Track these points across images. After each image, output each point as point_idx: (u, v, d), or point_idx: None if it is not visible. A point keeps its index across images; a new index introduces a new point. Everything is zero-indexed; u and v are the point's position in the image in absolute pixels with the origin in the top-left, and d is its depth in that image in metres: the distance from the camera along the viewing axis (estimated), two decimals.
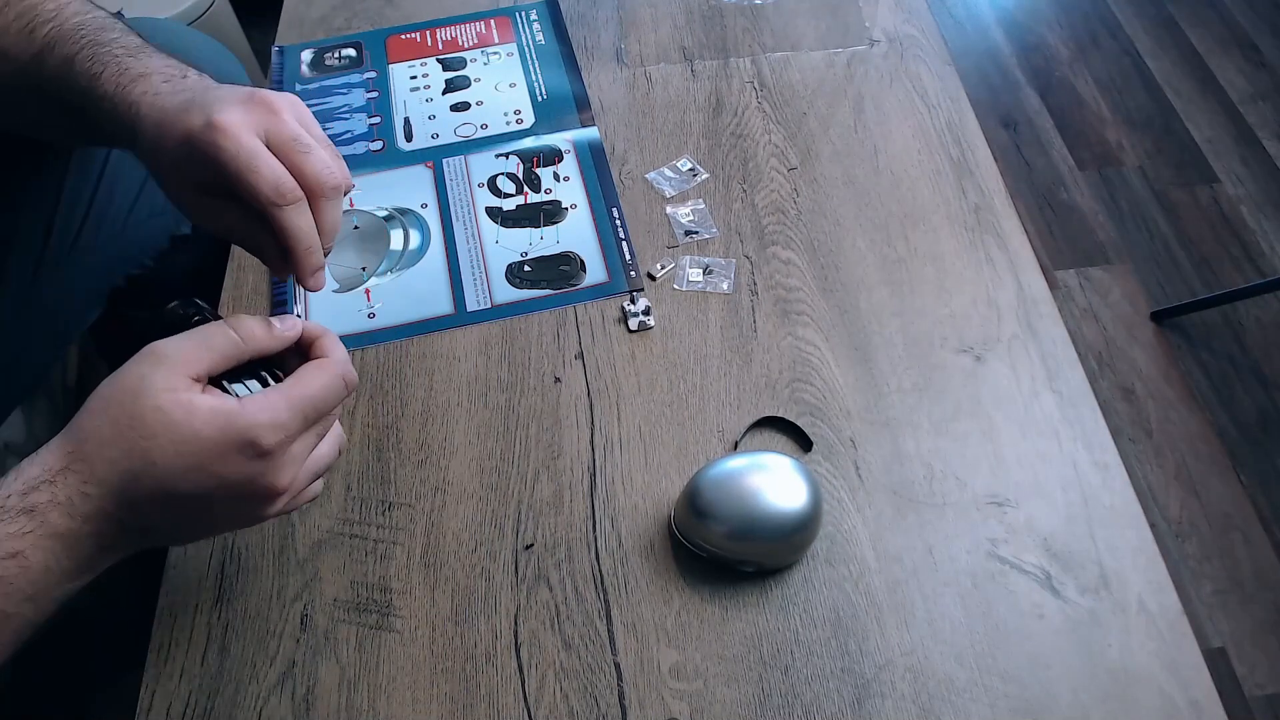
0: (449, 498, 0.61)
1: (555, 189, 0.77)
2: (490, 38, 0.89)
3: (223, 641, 0.56)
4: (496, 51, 0.88)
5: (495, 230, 0.75)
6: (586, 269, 0.73)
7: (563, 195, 0.77)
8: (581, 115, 0.83)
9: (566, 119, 0.82)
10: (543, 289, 0.72)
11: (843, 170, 0.78)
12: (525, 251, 0.74)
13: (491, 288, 0.72)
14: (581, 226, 0.75)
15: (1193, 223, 1.65)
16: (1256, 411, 1.43)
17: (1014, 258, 0.72)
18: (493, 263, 0.73)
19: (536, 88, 0.85)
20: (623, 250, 0.73)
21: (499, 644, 0.56)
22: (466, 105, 0.84)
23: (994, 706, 0.53)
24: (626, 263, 0.73)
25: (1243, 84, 1.86)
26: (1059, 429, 0.64)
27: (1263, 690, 1.18)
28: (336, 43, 0.89)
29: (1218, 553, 1.29)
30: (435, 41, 0.89)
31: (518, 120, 0.83)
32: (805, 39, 0.88)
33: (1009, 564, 0.58)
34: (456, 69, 0.87)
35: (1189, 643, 0.55)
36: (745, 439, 0.63)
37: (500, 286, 0.72)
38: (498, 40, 0.89)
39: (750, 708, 0.54)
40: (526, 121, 0.83)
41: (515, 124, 0.82)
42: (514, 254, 0.74)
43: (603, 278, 0.72)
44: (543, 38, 0.89)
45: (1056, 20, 1.99)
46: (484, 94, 0.85)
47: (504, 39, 0.89)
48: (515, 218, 0.76)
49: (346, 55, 0.88)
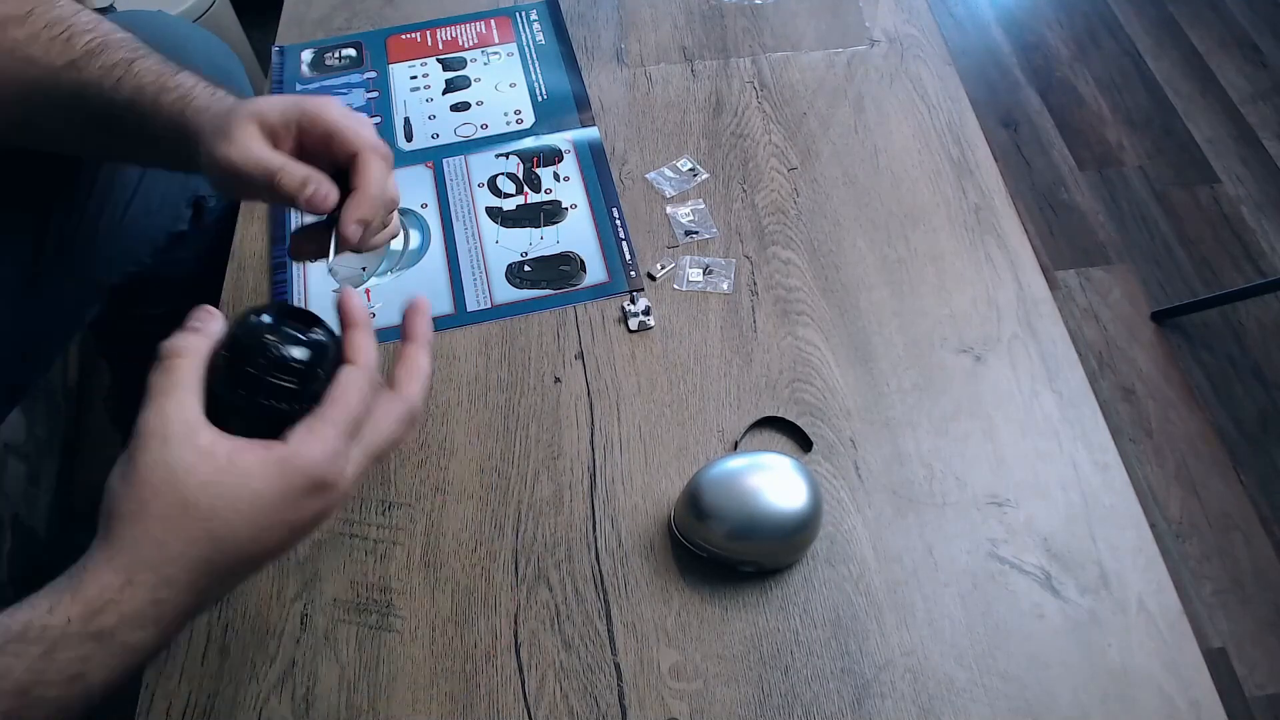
0: (449, 498, 0.61)
1: (555, 189, 0.77)
2: (490, 38, 0.89)
3: (223, 641, 0.56)
4: (497, 51, 0.88)
5: (495, 230, 0.75)
6: (587, 269, 0.73)
7: (563, 195, 0.77)
8: (581, 115, 0.83)
9: (566, 119, 0.82)
10: (543, 289, 0.72)
11: (843, 170, 0.78)
12: (525, 251, 0.74)
13: (492, 288, 0.72)
14: (582, 226, 0.75)
15: (1193, 223, 1.65)
16: (1256, 411, 1.43)
17: (1014, 258, 0.72)
18: (493, 263, 0.73)
19: (537, 88, 0.85)
20: (623, 250, 0.73)
21: (499, 644, 0.56)
22: (467, 105, 0.84)
23: (994, 706, 0.53)
24: (626, 263, 0.73)
25: (1243, 84, 1.85)
26: (1059, 429, 0.64)
27: (1263, 690, 1.18)
28: (337, 43, 0.89)
29: (1218, 553, 1.29)
30: (435, 41, 0.89)
31: (518, 120, 0.83)
32: (805, 39, 0.88)
33: (1009, 564, 0.58)
34: (457, 69, 0.87)
35: (1189, 643, 0.55)
36: (745, 439, 0.63)
37: (500, 286, 0.72)
38: (498, 40, 0.89)
39: (750, 708, 0.54)
40: (527, 121, 0.83)
41: (515, 124, 0.82)
42: (514, 254, 0.74)
43: (603, 278, 0.72)
44: (543, 38, 0.89)
45: (1056, 20, 1.99)
46: (484, 94, 0.85)
47: (504, 39, 0.89)
48: (515, 218, 0.76)
49: (347, 55, 0.88)
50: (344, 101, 0.83)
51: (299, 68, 0.87)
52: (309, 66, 0.87)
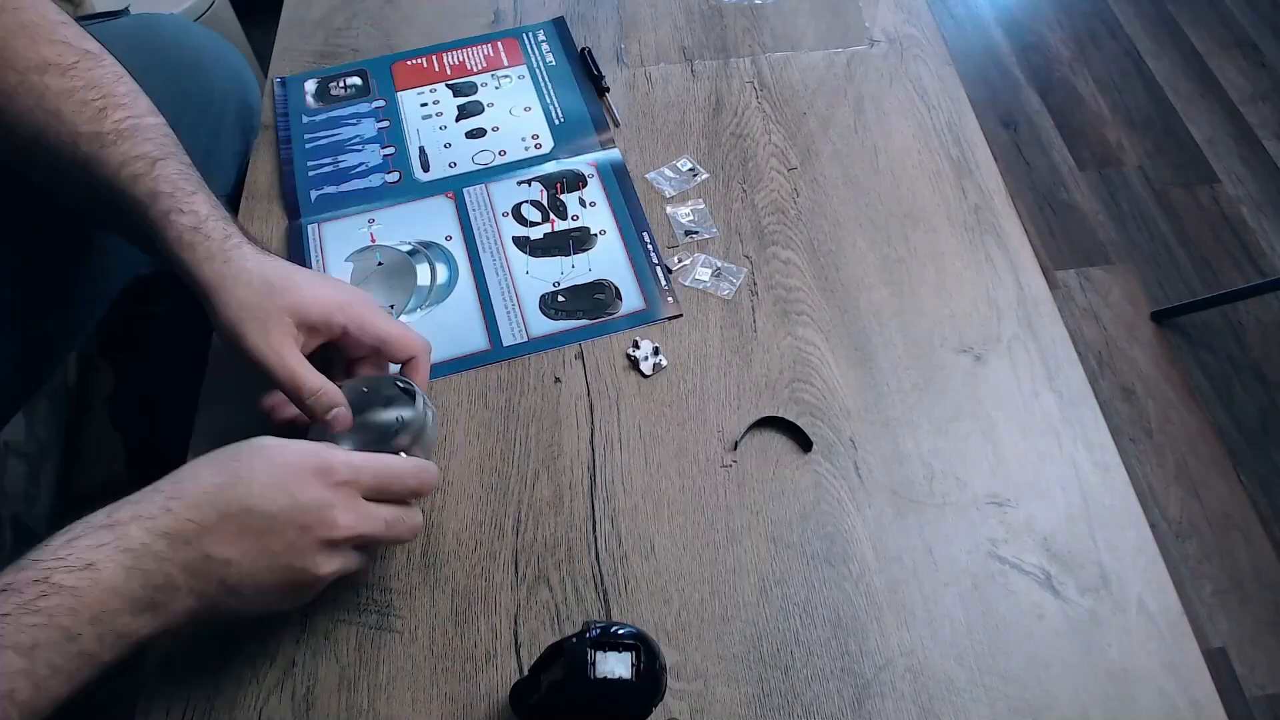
0: (449, 498, 0.61)
1: (582, 215, 0.75)
2: (499, 60, 0.87)
3: (223, 641, 0.56)
4: (507, 75, 0.86)
5: (525, 260, 0.73)
6: (622, 297, 0.70)
7: (590, 221, 0.75)
8: (600, 137, 0.80)
9: (585, 141, 0.80)
10: (579, 319, 0.69)
11: (843, 170, 0.78)
12: (558, 281, 0.71)
13: (526, 320, 0.69)
14: (613, 252, 0.73)
15: (1193, 223, 1.65)
16: (1256, 411, 1.43)
17: (1014, 258, 0.72)
18: (525, 294, 0.71)
19: (552, 110, 0.83)
20: (657, 275, 0.71)
21: (499, 644, 0.56)
22: (483, 131, 0.81)
23: (994, 706, 0.53)
24: (663, 289, 0.71)
25: (1243, 84, 1.86)
26: (1059, 429, 0.64)
27: (1263, 690, 1.19)
28: (339, 71, 0.86)
29: (1218, 553, 1.29)
30: (443, 66, 0.86)
31: (536, 145, 0.80)
32: (805, 39, 0.88)
33: (1009, 564, 0.58)
34: (468, 94, 0.84)
35: (1189, 643, 0.55)
36: (745, 439, 0.63)
37: (535, 319, 0.69)
38: (507, 63, 0.87)
39: (750, 708, 0.54)
40: (545, 146, 0.80)
41: (534, 149, 0.80)
42: (546, 284, 0.71)
43: (639, 305, 0.70)
44: (553, 58, 0.87)
45: (1056, 20, 1.99)
46: (499, 119, 0.82)
47: (513, 61, 0.87)
48: (544, 246, 0.73)
49: (352, 85, 0.85)
50: (354, 133, 0.81)
51: (303, 99, 0.84)
52: (314, 98, 0.84)
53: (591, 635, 0.45)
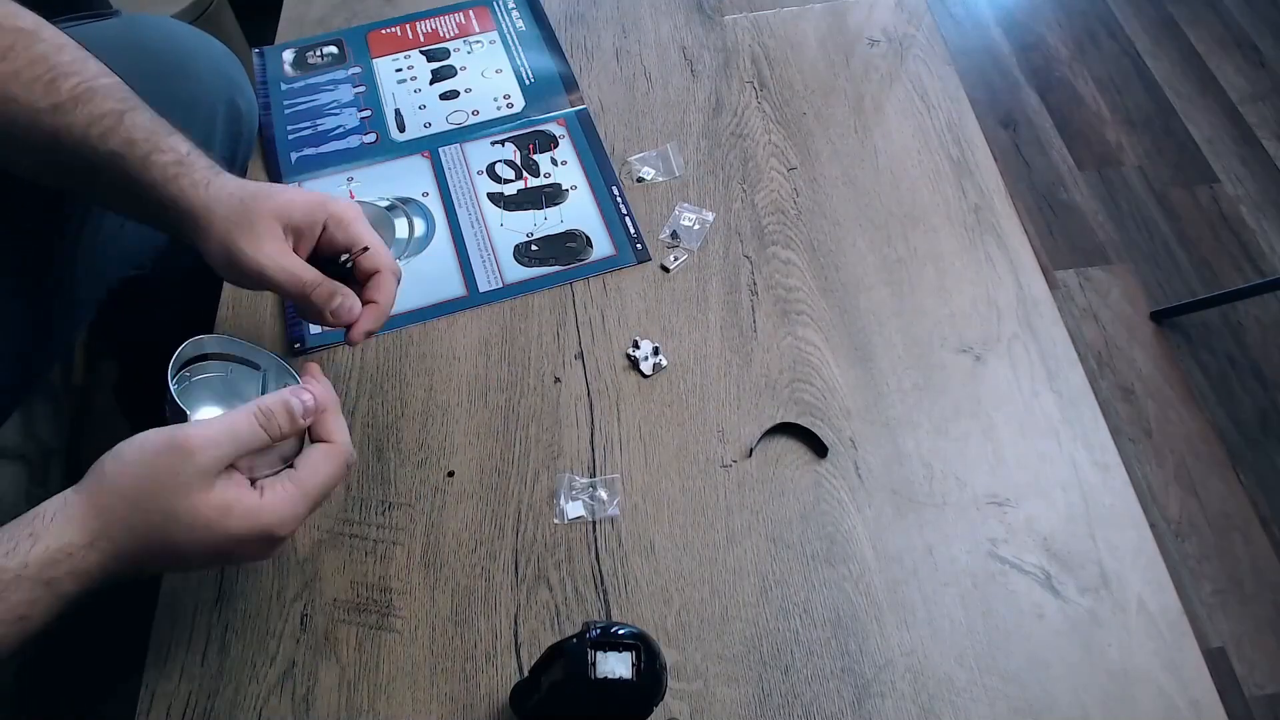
0: (449, 498, 0.61)
1: (554, 173, 0.78)
2: (470, 27, 0.90)
3: (223, 641, 0.56)
4: (479, 40, 0.89)
5: (499, 214, 0.76)
6: (593, 244, 0.73)
7: (562, 178, 0.78)
8: (570, 96, 0.83)
9: (555, 100, 0.83)
10: (552, 265, 0.72)
11: (843, 170, 0.78)
12: (530, 232, 0.75)
13: (501, 268, 0.73)
14: (584, 205, 0.76)
15: (1193, 223, 1.65)
16: (1256, 411, 1.43)
17: (1014, 258, 0.72)
18: (500, 244, 0.74)
19: (523, 72, 0.86)
20: (627, 225, 0.74)
21: (499, 644, 0.56)
22: (456, 93, 0.84)
23: (994, 706, 0.53)
24: (632, 236, 0.74)
25: (1243, 84, 1.85)
26: (1059, 429, 0.64)
27: (1263, 690, 1.18)
28: (317, 41, 0.89)
29: (1218, 553, 1.29)
30: (416, 34, 0.89)
31: (508, 105, 0.83)
32: (805, 39, 0.88)
33: (1009, 564, 0.58)
34: (441, 59, 0.87)
35: (1189, 643, 0.55)
36: (760, 445, 0.63)
37: (510, 266, 0.73)
38: (478, 30, 0.90)
39: (750, 708, 0.54)
40: (517, 105, 0.83)
41: (506, 108, 0.83)
42: (520, 235, 0.75)
43: (610, 251, 0.73)
44: (523, 24, 0.90)
45: (1056, 20, 1.99)
46: (471, 81, 0.85)
47: (484, 28, 0.90)
48: (518, 201, 0.77)
49: (329, 53, 0.88)
50: (331, 98, 0.84)
51: (281, 68, 0.87)
52: (291, 66, 0.87)
53: (591, 635, 0.45)
